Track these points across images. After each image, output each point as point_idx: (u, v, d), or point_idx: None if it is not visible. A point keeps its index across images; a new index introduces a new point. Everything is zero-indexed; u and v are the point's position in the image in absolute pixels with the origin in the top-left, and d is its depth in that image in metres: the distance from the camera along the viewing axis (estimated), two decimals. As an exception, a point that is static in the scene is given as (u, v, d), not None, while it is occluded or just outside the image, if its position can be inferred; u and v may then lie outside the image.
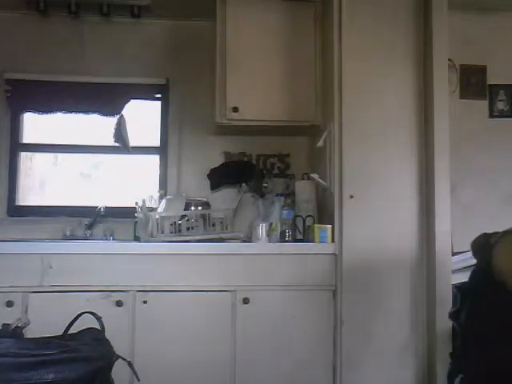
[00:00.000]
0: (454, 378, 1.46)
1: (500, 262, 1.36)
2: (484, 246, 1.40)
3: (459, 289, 1.61)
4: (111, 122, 3.27)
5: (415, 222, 2.60)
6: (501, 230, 1.53)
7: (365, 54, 2.63)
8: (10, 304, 2.40)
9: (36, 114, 3.29)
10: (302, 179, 2.99)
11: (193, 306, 2.51)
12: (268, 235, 2.68)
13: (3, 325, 1.74)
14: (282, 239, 2.72)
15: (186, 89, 3.31)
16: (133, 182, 3.33)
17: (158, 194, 3.11)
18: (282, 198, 2.95)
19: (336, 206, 2.59)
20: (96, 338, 1.75)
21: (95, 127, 3.34)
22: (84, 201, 3.28)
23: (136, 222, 2.94)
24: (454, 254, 2.62)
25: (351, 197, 2.57)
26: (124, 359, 1.76)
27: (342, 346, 2.52)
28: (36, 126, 3.37)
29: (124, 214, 3.15)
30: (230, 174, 3.19)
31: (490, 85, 3.37)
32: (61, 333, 1.83)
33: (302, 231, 2.78)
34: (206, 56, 3.20)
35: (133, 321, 2.48)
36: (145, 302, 2.48)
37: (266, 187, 3.08)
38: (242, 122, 2.88)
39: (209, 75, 3.09)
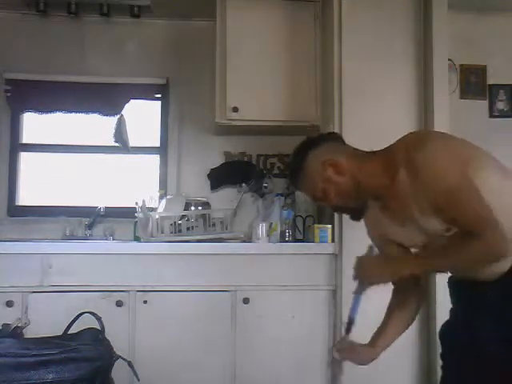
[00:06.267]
0: None
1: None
2: None
3: None
4: (111, 121, 3.27)
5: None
6: None
7: (365, 54, 2.62)
8: (10, 304, 2.40)
9: (36, 114, 3.28)
10: (302, 179, 2.99)
11: (193, 306, 2.51)
12: (268, 235, 2.68)
13: (3, 325, 1.75)
14: (282, 239, 2.72)
15: (185, 89, 3.31)
16: (133, 182, 3.33)
17: (158, 194, 3.11)
18: (282, 198, 2.95)
19: (336, 205, 2.58)
20: (96, 338, 1.76)
21: (95, 127, 3.34)
22: (84, 201, 3.28)
23: (136, 221, 2.93)
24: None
25: (351, 197, 2.56)
26: (124, 359, 1.76)
27: (341, 345, 2.52)
28: (36, 125, 3.37)
29: (124, 213, 3.14)
30: (230, 174, 3.20)
31: (490, 85, 3.36)
32: (61, 333, 1.84)
33: (302, 231, 2.79)
34: (205, 56, 3.20)
35: (133, 321, 2.48)
36: (145, 301, 2.48)
37: (266, 187, 3.08)
38: (242, 121, 2.88)
39: (209, 75, 3.09)
